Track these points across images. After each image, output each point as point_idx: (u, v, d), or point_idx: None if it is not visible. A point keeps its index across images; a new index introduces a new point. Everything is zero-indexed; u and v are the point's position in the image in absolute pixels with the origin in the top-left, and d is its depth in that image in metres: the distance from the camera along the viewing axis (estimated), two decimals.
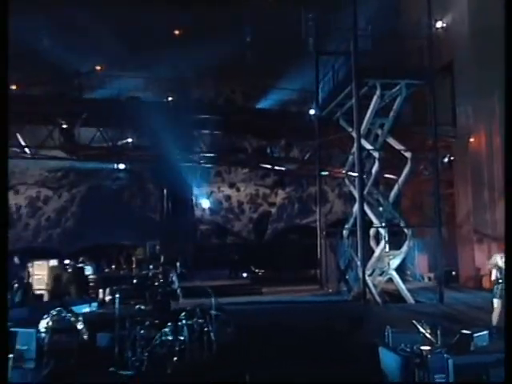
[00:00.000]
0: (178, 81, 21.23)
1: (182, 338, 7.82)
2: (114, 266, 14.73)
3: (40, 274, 12.18)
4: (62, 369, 7.38)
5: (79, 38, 18.76)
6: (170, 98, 20.66)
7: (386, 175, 17.54)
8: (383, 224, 13.43)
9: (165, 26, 20.26)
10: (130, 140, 19.32)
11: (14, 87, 16.49)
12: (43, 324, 7.84)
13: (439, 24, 17.75)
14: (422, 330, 6.63)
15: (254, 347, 8.22)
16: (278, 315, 10.56)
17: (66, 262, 13.46)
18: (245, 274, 18.17)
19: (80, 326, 8.16)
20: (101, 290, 12.18)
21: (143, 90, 20.97)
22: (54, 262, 12.96)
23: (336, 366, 7.51)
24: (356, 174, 13.77)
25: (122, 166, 21.90)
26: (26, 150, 17.37)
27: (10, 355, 7.26)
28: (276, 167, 21.25)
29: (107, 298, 11.66)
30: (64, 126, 16.43)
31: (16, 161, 22.26)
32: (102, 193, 24.30)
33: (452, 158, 17.34)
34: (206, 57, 18.60)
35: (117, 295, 7.90)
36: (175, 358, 7.62)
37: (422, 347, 6.35)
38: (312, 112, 18.02)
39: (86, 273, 13.10)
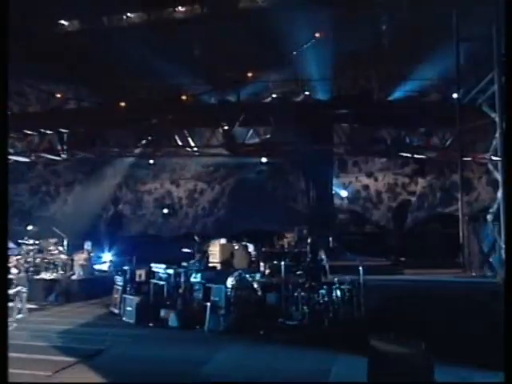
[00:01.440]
0: (315, 76, 22.27)
1: (335, 299, 9.48)
2: (268, 247, 16.83)
3: (213, 249, 14.84)
4: (244, 316, 9.62)
5: (230, 48, 20.65)
6: (306, 93, 22.01)
7: None
8: None
9: (305, 24, 20.91)
10: (269, 136, 21.09)
11: (184, 97, 19.55)
12: (229, 282, 10.16)
13: None
14: None
15: (397, 311, 9.39)
16: (420, 289, 11.44)
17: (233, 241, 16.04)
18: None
19: (255, 285, 10.31)
20: (262, 264, 14.30)
21: (286, 88, 22.69)
22: (223, 241, 15.60)
23: (472, 332, 8.33)
24: (499, 159, 13.81)
25: (264, 160, 23.68)
26: (195, 149, 20.38)
27: (208, 303, 9.79)
28: (416, 155, 21.43)
29: (267, 272, 13.73)
30: (225, 128, 19.09)
31: (176, 159, 26.03)
32: (248, 185, 26.35)
33: None
34: (343, 49, 19.11)
35: (282, 263, 9.89)
36: (330, 314, 9.33)
37: None
38: (455, 96, 17.85)
39: (248, 250, 15.60)
